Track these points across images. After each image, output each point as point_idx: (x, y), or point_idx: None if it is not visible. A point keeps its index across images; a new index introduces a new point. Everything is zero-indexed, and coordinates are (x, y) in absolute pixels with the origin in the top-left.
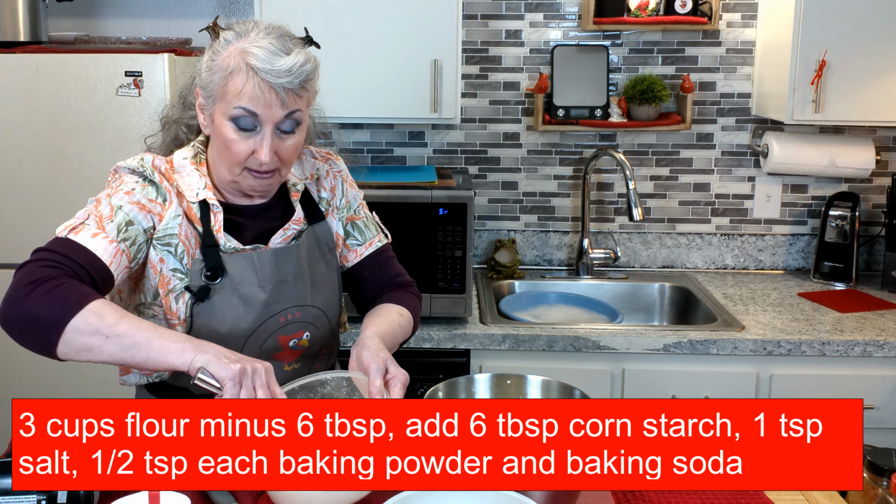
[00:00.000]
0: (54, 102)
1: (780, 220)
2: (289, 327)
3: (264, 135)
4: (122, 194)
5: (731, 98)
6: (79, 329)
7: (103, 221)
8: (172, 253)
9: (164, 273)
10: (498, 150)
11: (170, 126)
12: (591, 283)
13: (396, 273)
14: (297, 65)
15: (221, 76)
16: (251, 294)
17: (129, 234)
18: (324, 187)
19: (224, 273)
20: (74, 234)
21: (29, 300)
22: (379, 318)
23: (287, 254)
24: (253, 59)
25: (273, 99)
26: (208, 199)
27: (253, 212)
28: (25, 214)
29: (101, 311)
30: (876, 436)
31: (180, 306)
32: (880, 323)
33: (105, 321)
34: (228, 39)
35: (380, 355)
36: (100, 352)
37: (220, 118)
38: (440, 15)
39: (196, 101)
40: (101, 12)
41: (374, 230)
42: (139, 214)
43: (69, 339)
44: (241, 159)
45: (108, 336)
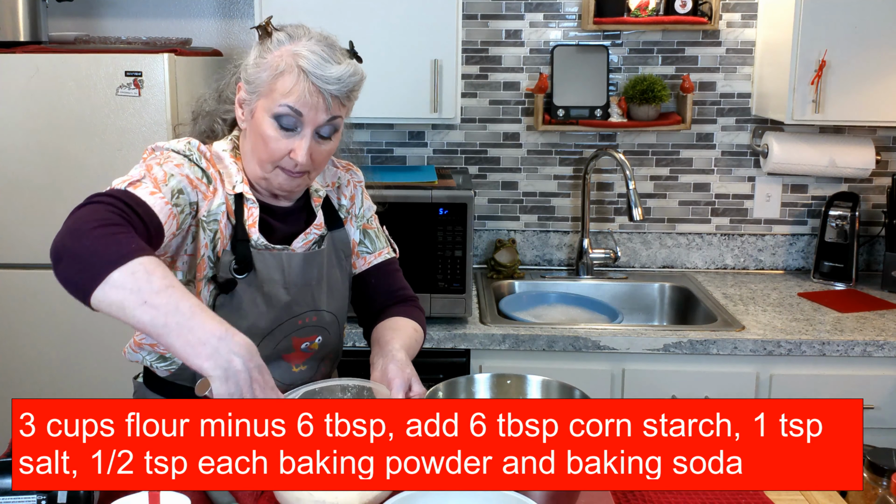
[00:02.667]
0: (54, 102)
1: (780, 220)
2: (304, 330)
3: (304, 136)
4: (172, 165)
5: (731, 98)
6: (123, 282)
7: (158, 183)
8: (211, 239)
9: (204, 258)
10: (498, 150)
11: (202, 118)
12: (591, 283)
13: (402, 286)
14: (346, 74)
15: (270, 74)
16: (275, 293)
17: (181, 202)
18: (344, 195)
19: (251, 269)
20: (133, 188)
21: (91, 236)
22: (401, 332)
23: (314, 259)
24: (305, 63)
25: (319, 102)
26: (245, 194)
27: (282, 213)
28: (25, 214)
29: (152, 269)
30: (876, 436)
31: (205, 294)
32: (880, 323)
33: (151, 284)
34: (281, 40)
35: (405, 371)
36: (131, 315)
37: (262, 114)
38: (440, 15)
39: (236, 96)
40: (101, 12)
41: (384, 241)
42: (188, 186)
43: (109, 289)
44: (276, 157)
45: (146, 301)
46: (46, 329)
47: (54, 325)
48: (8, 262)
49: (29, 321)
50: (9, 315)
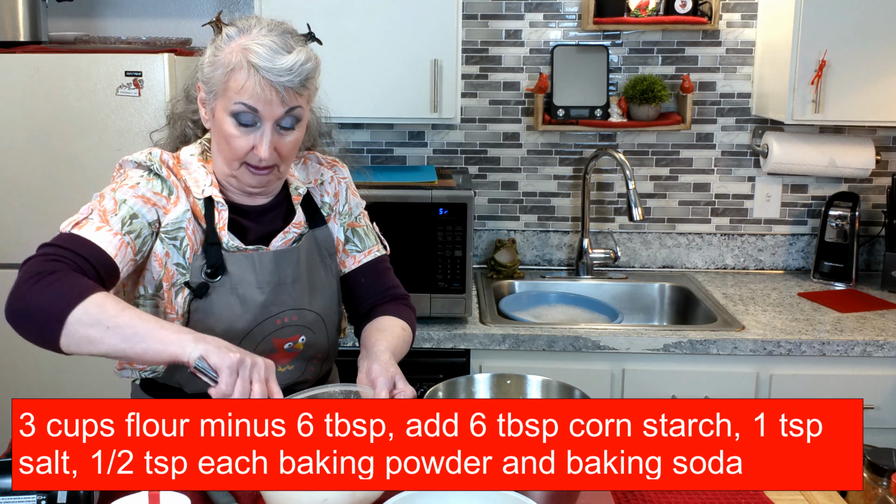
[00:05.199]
0: (54, 102)
1: (780, 220)
2: (284, 330)
3: (264, 131)
4: (127, 188)
5: (731, 98)
6: (80, 320)
7: (107, 215)
8: (177, 247)
9: (168, 267)
10: (498, 150)
11: (175, 121)
12: (591, 283)
13: (392, 285)
14: (297, 63)
15: (223, 72)
16: (249, 295)
17: (134, 227)
18: (327, 192)
19: (224, 272)
20: (78, 228)
21: (32, 293)
22: (386, 333)
23: (287, 256)
24: (254, 57)
25: (273, 96)
26: (214, 197)
27: (256, 213)
28: (25, 214)
29: (102, 302)
30: (876, 436)
31: (179, 301)
32: (880, 323)
33: (106, 312)
34: (231, 35)
35: (389, 370)
36: (101, 343)
37: (221, 113)
38: (440, 15)
39: (198, 96)
40: (101, 12)
41: (373, 239)
42: (143, 208)
43: (71, 331)
44: (240, 154)
45: (108, 327)
46: None
47: None
48: (8, 262)
49: None
50: None
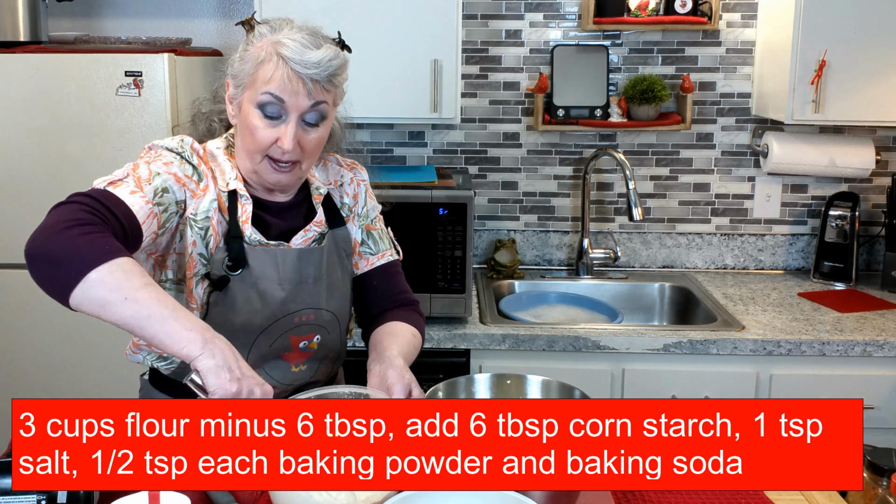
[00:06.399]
0: (54, 102)
1: (780, 220)
2: (301, 328)
3: (289, 122)
4: (161, 164)
5: (731, 98)
6: (101, 280)
7: (141, 182)
8: (202, 237)
9: (193, 255)
10: (498, 150)
11: (200, 120)
12: (591, 283)
13: (403, 290)
14: (325, 58)
15: (252, 65)
16: (269, 290)
17: (164, 201)
18: (346, 193)
19: (245, 265)
20: (113, 187)
21: (61, 238)
22: (399, 338)
23: (310, 255)
24: (284, 49)
25: (300, 88)
26: (238, 190)
27: (278, 209)
28: (25, 214)
29: (129, 269)
30: (876, 436)
31: (199, 291)
32: (880, 323)
33: (131, 282)
34: (263, 33)
35: (405, 377)
36: (112, 311)
37: (248, 105)
38: (440, 15)
39: (226, 93)
40: (101, 12)
41: (387, 243)
42: (175, 185)
43: (88, 287)
44: (264, 146)
45: (126, 297)
46: (46, 329)
47: (54, 325)
48: (8, 262)
49: (29, 321)
50: (9, 315)
